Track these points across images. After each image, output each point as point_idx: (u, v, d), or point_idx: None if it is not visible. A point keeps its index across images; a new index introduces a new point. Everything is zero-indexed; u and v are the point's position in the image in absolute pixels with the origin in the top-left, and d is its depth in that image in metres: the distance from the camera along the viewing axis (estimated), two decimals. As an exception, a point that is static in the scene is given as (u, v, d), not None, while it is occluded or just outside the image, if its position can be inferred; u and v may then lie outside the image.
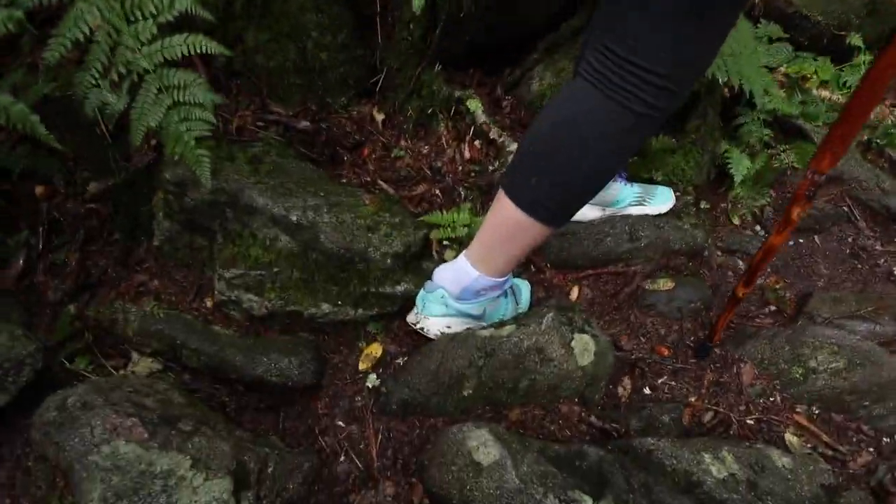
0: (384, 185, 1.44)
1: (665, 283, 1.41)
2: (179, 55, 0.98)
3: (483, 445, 1.00)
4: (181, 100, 1.00)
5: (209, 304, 1.23)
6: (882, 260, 1.64)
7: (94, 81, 1.01)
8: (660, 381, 1.27)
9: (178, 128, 1.00)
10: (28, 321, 1.17)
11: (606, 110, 0.88)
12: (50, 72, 1.17)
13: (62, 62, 1.17)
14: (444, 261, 1.30)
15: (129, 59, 0.98)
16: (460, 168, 1.50)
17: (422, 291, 1.20)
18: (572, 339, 1.14)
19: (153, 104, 1.00)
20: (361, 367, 1.23)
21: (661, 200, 1.50)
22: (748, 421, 1.21)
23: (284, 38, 1.31)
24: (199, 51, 0.99)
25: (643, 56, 0.81)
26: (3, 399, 0.99)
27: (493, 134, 1.49)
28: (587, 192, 1.01)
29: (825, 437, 1.20)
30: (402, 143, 1.52)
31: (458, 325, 1.20)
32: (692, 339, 1.35)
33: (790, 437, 1.19)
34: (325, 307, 1.20)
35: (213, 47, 0.98)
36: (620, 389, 1.25)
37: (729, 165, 1.60)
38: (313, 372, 1.18)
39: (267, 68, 1.36)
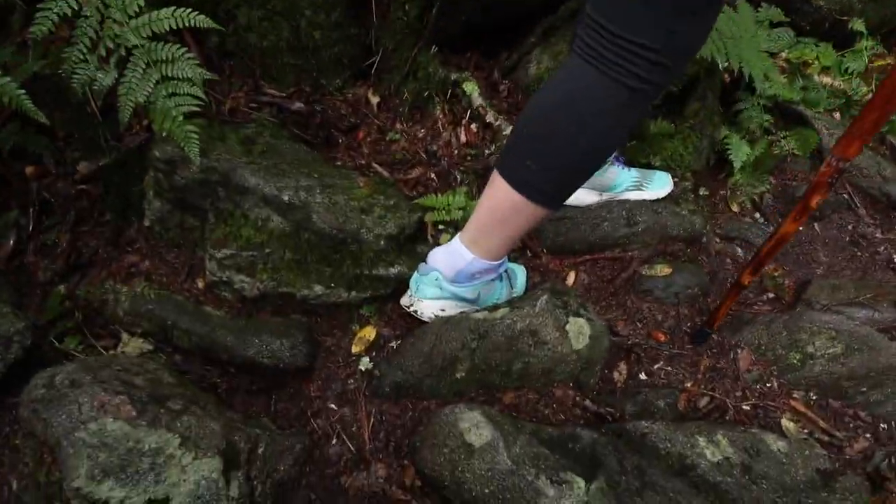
0: (379, 169, 1.42)
1: (662, 269, 1.40)
2: (168, 28, 0.96)
3: (475, 427, 0.99)
4: (169, 74, 0.99)
5: (200, 284, 1.21)
6: (882, 247, 1.62)
7: (82, 56, 1.00)
8: (656, 366, 1.26)
9: (166, 103, 0.99)
10: (18, 301, 1.15)
11: (603, 86, 0.87)
12: (39, 48, 1.15)
13: (52, 39, 1.16)
14: (439, 244, 1.28)
15: (117, 32, 0.96)
16: (456, 152, 1.49)
17: (416, 274, 1.19)
18: (567, 322, 1.13)
19: (141, 79, 0.98)
20: (354, 349, 1.22)
21: (659, 185, 1.48)
22: (744, 406, 1.20)
23: (277, 15, 1.30)
24: (187, 24, 0.97)
25: (636, 31, 0.81)
26: (-10, 376, 0.98)
27: (490, 118, 1.47)
28: (583, 173, 1.00)
29: (822, 423, 1.19)
30: (398, 126, 1.51)
31: (452, 308, 1.19)
32: (689, 325, 1.34)
33: (787, 423, 1.18)
34: (318, 289, 1.18)
35: (201, 20, 0.96)
36: (616, 374, 1.24)
37: (728, 151, 1.58)
38: (305, 354, 1.17)
39: (260, 48, 1.34)
